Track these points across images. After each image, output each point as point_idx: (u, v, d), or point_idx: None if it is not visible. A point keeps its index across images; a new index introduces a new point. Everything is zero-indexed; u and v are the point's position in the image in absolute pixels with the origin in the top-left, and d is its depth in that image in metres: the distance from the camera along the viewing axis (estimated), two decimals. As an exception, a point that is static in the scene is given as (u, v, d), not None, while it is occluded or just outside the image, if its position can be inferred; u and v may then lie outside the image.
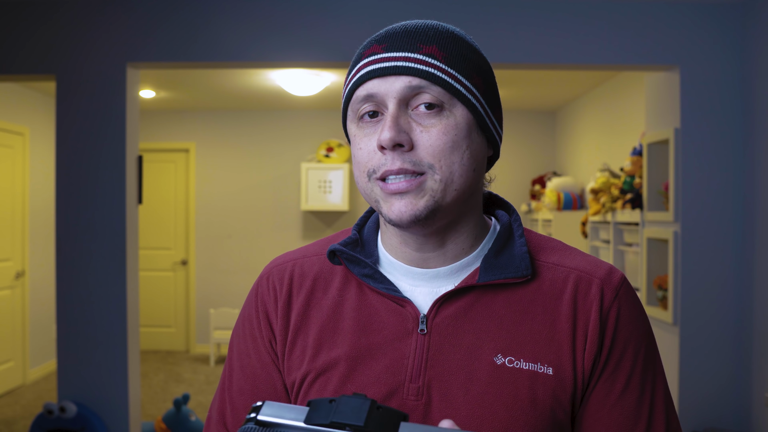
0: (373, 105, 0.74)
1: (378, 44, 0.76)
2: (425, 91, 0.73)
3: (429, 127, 0.73)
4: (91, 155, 3.17)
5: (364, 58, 0.76)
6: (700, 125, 3.10)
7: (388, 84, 0.73)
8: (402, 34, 0.75)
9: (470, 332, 0.76)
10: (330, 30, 3.11)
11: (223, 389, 0.86)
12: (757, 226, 3.00)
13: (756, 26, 3.01)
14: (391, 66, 0.73)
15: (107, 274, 3.16)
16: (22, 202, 5.40)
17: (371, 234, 0.86)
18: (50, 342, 5.68)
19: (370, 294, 0.80)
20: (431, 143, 0.72)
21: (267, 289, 0.85)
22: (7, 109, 5.19)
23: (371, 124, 0.75)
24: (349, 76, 0.78)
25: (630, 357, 0.77)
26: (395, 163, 0.72)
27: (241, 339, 0.86)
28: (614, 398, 0.76)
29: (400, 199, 0.73)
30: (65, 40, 3.16)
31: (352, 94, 0.76)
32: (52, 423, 3.11)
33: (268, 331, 0.84)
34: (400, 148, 0.72)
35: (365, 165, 0.75)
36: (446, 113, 0.73)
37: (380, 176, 0.73)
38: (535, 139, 6.51)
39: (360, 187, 0.78)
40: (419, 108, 0.73)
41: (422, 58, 0.73)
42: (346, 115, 0.79)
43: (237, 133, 6.61)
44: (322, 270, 0.84)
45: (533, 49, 3.12)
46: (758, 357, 2.98)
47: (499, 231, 0.81)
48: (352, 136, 0.78)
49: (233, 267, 6.59)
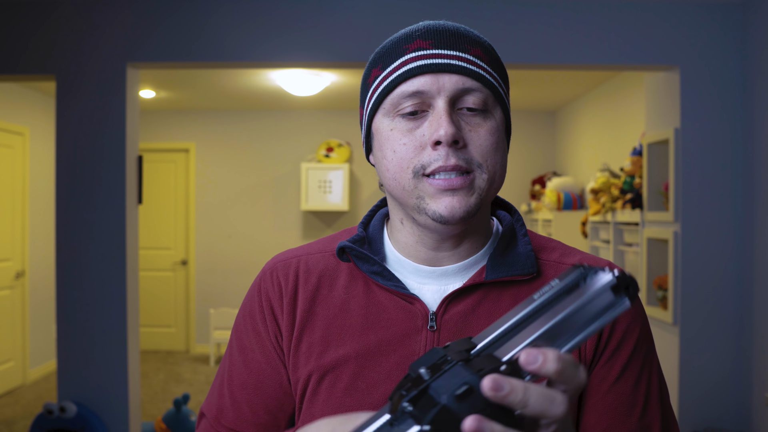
0: (419, 102, 0.74)
1: (423, 40, 0.75)
2: (475, 92, 0.74)
3: (476, 127, 0.74)
4: (91, 155, 3.17)
5: (410, 52, 0.75)
6: (700, 125, 3.10)
7: (440, 81, 0.73)
8: (447, 32, 0.75)
9: (479, 328, 0.77)
10: (330, 30, 3.11)
11: (221, 385, 0.85)
12: (756, 226, 3.00)
13: (756, 26, 3.01)
14: (445, 63, 0.73)
15: (107, 274, 3.16)
16: (22, 202, 5.40)
17: (377, 232, 0.86)
18: (50, 342, 5.68)
19: (378, 291, 0.80)
20: (481, 143, 0.74)
21: (271, 284, 0.84)
22: (7, 109, 5.19)
23: (412, 120, 0.74)
24: (389, 68, 0.76)
25: (627, 346, 0.78)
26: (450, 160, 0.72)
27: (244, 334, 0.85)
28: (609, 384, 0.77)
29: (452, 195, 0.73)
30: (65, 40, 3.16)
31: (395, 87, 0.74)
32: (52, 423, 3.11)
33: (273, 325, 0.83)
34: (455, 145, 0.72)
35: (410, 161, 0.74)
36: (489, 115, 0.75)
37: (431, 172, 0.73)
38: (535, 139, 6.51)
39: (397, 184, 0.76)
40: (464, 108, 0.74)
41: (471, 58, 0.74)
42: (377, 107, 0.77)
43: (237, 133, 6.61)
44: (327, 267, 0.84)
45: (533, 49, 3.12)
46: (758, 357, 2.98)
47: (503, 231, 0.83)
48: (386, 130, 0.76)
49: (233, 267, 6.59)
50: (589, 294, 0.48)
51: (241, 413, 0.83)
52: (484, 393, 0.44)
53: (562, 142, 6.27)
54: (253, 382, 0.83)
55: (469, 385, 0.45)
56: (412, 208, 0.76)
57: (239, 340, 0.86)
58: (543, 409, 0.46)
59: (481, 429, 0.43)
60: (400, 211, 0.81)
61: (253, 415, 0.82)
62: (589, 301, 0.48)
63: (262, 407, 0.82)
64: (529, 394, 0.45)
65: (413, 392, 0.46)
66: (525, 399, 0.45)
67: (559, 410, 0.46)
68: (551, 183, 5.35)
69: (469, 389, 0.44)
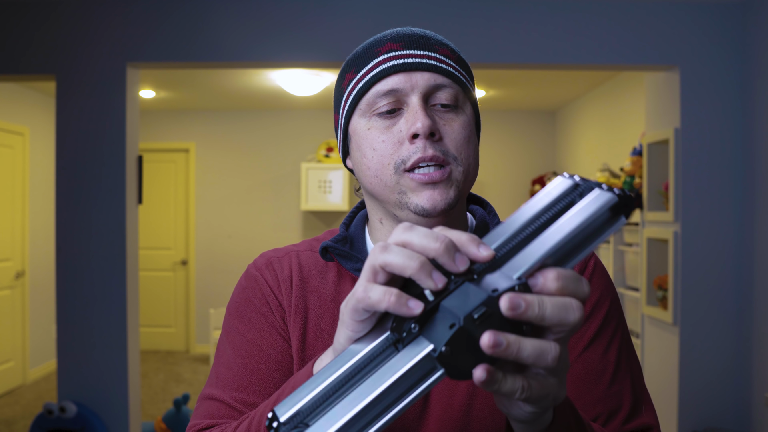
0: (394, 101, 0.77)
1: (393, 42, 0.79)
2: (447, 87, 0.77)
3: (449, 121, 0.77)
4: (91, 155, 3.17)
5: (381, 54, 0.78)
6: (700, 125, 3.10)
7: (413, 79, 0.76)
8: (415, 36, 0.79)
9: None
10: (330, 30, 3.11)
11: (225, 365, 0.82)
12: (756, 226, 3.00)
13: (756, 26, 3.01)
14: (416, 62, 0.77)
15: (107, 274, 3.16)
16: (22, 202, 5.40)
17: (359, 231, 0.87)
18: (50, 342, 5.68)
19: None
20: (455, 136, 0.77)
21: (269, 273, 0.85)
22: (7, 109, 5.19)
23: (389, 118, 0.77)
24: (363, 70, 0.79)
25: (596, 318, 0.81)
26: (428, 151, 0.74)
27: (244, 318, 0.83)
28: (577, 353, 0.80)
29: (433, 189, 0.75)
30: (65, 40, 3.16)
31: (370, 87, 0.77)
32: (52, 423, 3.11)
33: (278, 308, 0.83)
34: (431, 138, 0.75)
35: (390, 157, 0.76)
36: (460, 110, 0.78)
37: (410, 166, 0.75)
38: (535, 139, 6.51)
39: (379, 181, 0.78)
40: (437, 105, 0.77)
41: (441, 57, 0.78)
42: (353, 109, 0.80)
43: (237, 133, 6.61)
44: (317, 263, 0.86)
45: (533, 49, 3.12)
46: (758, 357, 2.98)
47: (476, 223, 0.86)
48: (363, 129, 0.79)
49: (233, 267, 6.59)
50: (592, 213, 0.48)
51: (260, 382, 0.80)
52: (503, 312, 0.45)
53: (562, 142, 6.27)
54: (266, 355, 0.81)
55: (486, 306, 0.45)
56: (394, 204, 0.78)
57: (240, 322, 0.83)
58: (560, 318, 0.47)
59: (499, 342, 0.44)
60: (379, 210, 0.83)
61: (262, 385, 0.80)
62: (591, 220, 0.48)
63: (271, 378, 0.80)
64: (545, 306, 0.46)
65: (419, 309, 0.46)
66: (542, 312, 0.46)
67: (575, 316, 0.48)
68: (551, 183, 5.35)
69: (487, 311, 0.45)
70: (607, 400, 0.78)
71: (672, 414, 3.14)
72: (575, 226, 0.48)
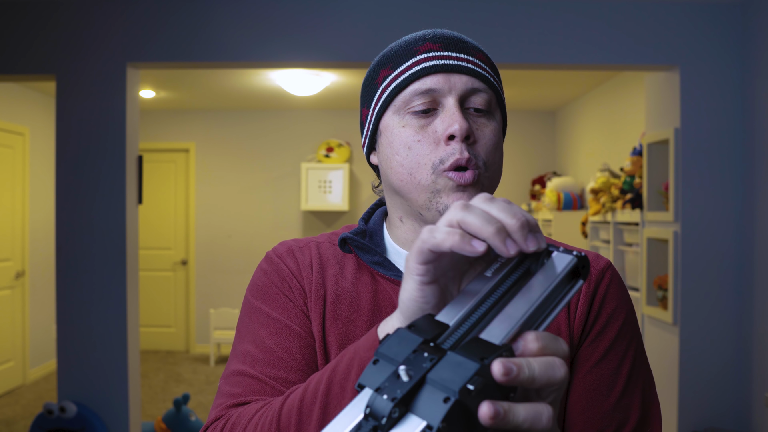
0: (430, 100, 0.77)
1: (432, 43, 0.79)
2: (482, 92, 0.78)
3: (482, 126, 0.78)
4: (91, 155, 3.17)
5: (420, 53, 0.78)
6: (700, 125, 3.10)
7: (451, 81, 0.76)
8: (454, 38, 0.80)
9: None
10: (330, 30, 3.11)
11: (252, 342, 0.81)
12: (756, 226, 3.00)
13: (756, 26, 3.01)
14: (455, 64, 0.77)
15: (107, 274, 3.16)
16: (22, 202, 5.40)
17: (377, 227, 0.88)
18: (50, 342, 5.68)
19: (382, 281, 0.83)
20: (486, 141, 0.77)
21: (290, 260, 0.85)
22: (7, 109, 5.19)
23: (423, 117, 0.77)
24: (401, 67, 0.78)
25: (611, 331, 0.81)
26: (465, 153, 0.75)
27: (269, 301, 0.83)
28: (591, 365, 0.79)
29: (463, 192, 0.75)
30: (65, 40, 3.16)
31: (407, 85, 0.77)
32: (52, 423, 3.11)
33: (300, 291, 0.82)
34: (466, 140, 0.75)
35: (428, 156, 0.76)
36: (492, 116, 0.79)
37: (449, 167, 0.75)
38: (535, 139, 6.51)
39: (412, 179, 0.77)
40: (471, 109, 0.78)
41: (478, 62, 0.79)
42: (387, 105, 0.79)
43: (237, 133, 6.61)
44: (336, 254, 0.86)
45: (533, 49, 3.12)
46: (758, 357, 2.98)
47: None
48: (397, 127, 0.78)
49: (233, 267, 6.59)
50: (557, 277, 0.50)
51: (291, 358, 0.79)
52: (497, 379, 0.43)
53: (562, 142, 6.27)
54: (293, 332, 0.80)
55: (482, 376, 0.43)
56: (422, 204, 0.77)
57: (264, 303, 0.83)
58: (548, 377, 0.47)
59: (498, 412, 0.43)
60: (400, 208, 0.83)
61: (294, 361, 0.79)
62: (557, 284, 0.50)
63: (302, 354, 0.80)
64: (533, 367, 0.46)
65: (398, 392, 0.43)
66: (532, 373, 0.46)
67: (561, 373, 0.48)
68: (551, 183, 5.35)
69: (483, 381, 0.43)
70: (616, 414, 0.78)
71: (672, 414, 3.14)
72: (545, 292, 0.49)
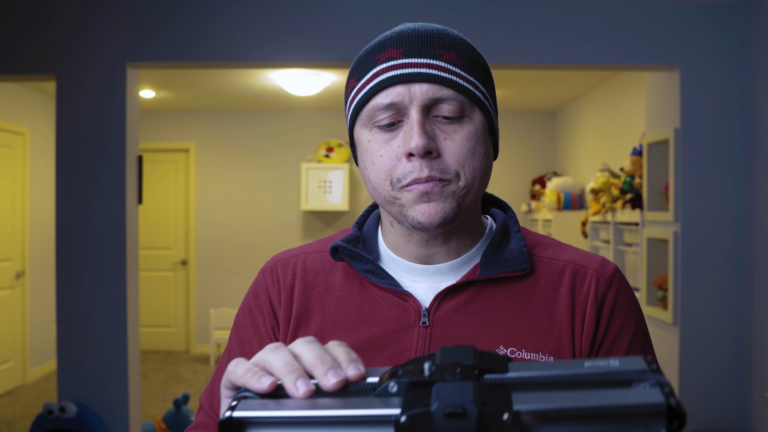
0: (394, 112, 0.74)
1: (394, 48, 0.75)
2: (448, 99, 0.73)
3: (452, 134, 0.74)
4: (91, 155, 3.17)
5: (381, 62, 0.75)
6: (700, 125, 3.10)
7: (412, 91, 0.73)
8: (418, 38, 0.75)
9: (471, 325, 0.78)
10: (330, 30, 3.11)
11: (217, 376, 0.85)
12: (756, 226, 3.00)
13: (756, 26, 3.01)
14: (415, 72, 0.73)
15: (107, 274, 3.16)
16: (22, 202, 5.40)
17: (371, 231, 0.87)
18: (50, 342, 5.68)
19: (372, 289, 0.82)
20: (456, 151, 0.73)
21: (271, 280, 0.86)
22: (7, 109, 5.19)
23: (389, 131, 0.75)
24: (363, 80, 0.76)
25: (623, 341, 0.79)
26: (424, 171, 0.72)
27: (242, 329, 0.87)
28: None
29: (428, 202, 0.73)
30: (65, 40, 3.16)
31: (369, 99, 0.75)
32: (52, 423, 3.11)
33: (271, 318, 0.84)
34: (428, 156, 0.72)
35: (388, 173, 0.74)
36: (466, 120, 0.74)
37: (407, 184, 0.73)
38: (535, 139, 6.51)
39: (378, 194, 0.77)
40: (440, 116, 0.74)
41: (444, 65, 0.73)
42: (355, 119, 0.78)
43: (237, 133, 6.61)
44: (323, 266, 0.86)
45: (533, 49, 3.12)
46: (758, 357, 2.98)
47: (496, 228, 0.84)
48: (364, 141, 0.77)
49: (233, 267, 6.59)
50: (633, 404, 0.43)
51: None
52: None
53: (562, 142, 6.27)
54: None
55: (463, 409, 0.43)
56: (395, 216, 0.77)
57: (238, 334, 0.87)
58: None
59: None
60: (389, 214, 0.82)
61: None
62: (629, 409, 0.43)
63: None
64: None
65: (407, 378, 0.46)
66: None
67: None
68: (551, 183, 5.35)
69: (461, 413, 0.42)
70: None
71: (672, 414, 3.14)
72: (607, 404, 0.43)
